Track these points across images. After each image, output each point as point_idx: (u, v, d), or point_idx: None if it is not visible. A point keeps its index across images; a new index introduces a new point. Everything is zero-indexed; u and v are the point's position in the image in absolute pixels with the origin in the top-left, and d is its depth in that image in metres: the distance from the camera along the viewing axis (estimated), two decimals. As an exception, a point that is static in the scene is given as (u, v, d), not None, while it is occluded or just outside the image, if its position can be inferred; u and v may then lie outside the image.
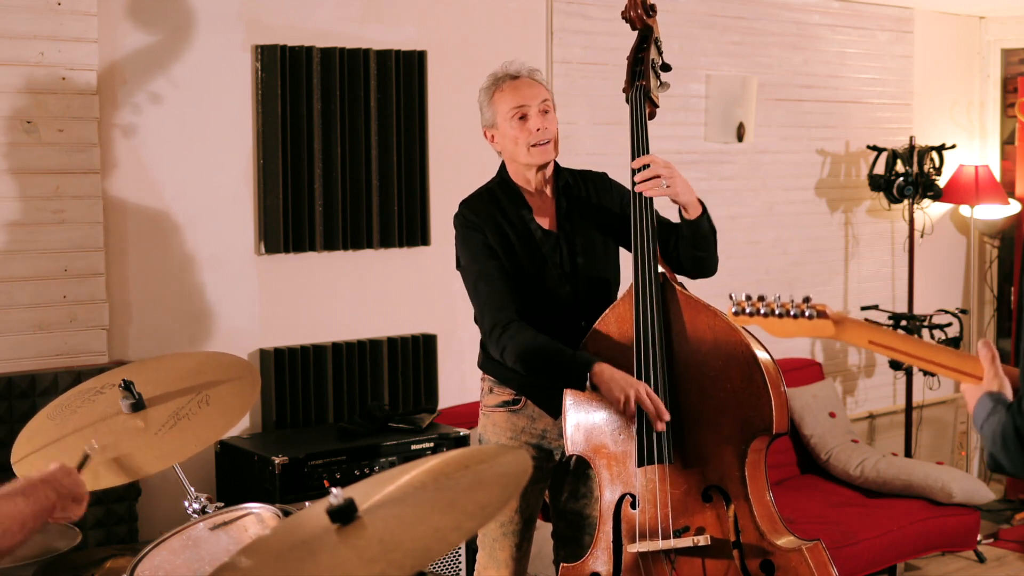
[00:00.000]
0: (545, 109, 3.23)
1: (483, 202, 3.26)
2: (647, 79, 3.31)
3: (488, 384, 3.33)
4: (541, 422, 3.27)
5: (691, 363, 3.08)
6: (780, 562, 2.96)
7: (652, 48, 3.34)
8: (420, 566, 1.66)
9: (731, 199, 5.70)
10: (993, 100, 6.66)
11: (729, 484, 3.02)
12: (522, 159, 3.23)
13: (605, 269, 3.32)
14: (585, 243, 3.27)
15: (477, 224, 3.22)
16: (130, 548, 3.66)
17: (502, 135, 3.24)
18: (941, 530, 5.11)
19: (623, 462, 3.10)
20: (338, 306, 4.51)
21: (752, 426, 3.00)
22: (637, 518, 3.07)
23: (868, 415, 6.21)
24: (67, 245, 3.92)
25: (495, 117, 3.24)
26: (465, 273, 3.26)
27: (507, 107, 3.20)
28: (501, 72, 3.26)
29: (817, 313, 2.09)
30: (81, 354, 3.95)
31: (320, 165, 4.38)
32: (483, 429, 3.37)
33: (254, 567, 1.82)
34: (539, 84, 3.26)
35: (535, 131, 3.19)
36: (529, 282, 3.20)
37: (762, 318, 2.14)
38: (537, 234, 3.24)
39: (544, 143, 3.21)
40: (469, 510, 1.78)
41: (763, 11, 5.74)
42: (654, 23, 3.37)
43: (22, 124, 3.83)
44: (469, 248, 3.23)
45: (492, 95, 3.24)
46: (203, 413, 2.66)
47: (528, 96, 3.20)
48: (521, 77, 3.24)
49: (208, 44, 4.19)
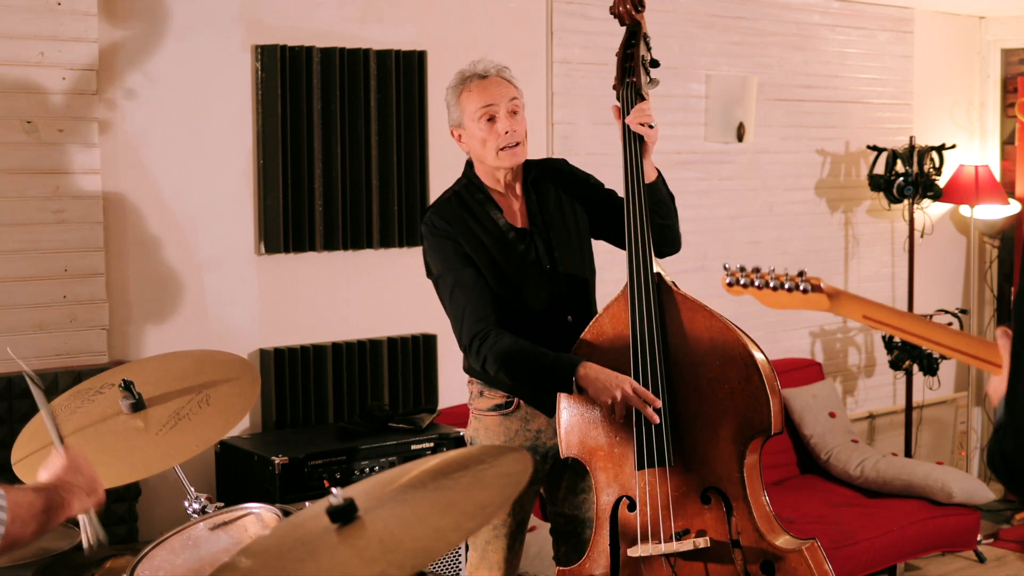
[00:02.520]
0: (514, 109, 3.13)
1: (452, 207, 3.16)
2: (637, 76, 3.24)
3: (477, 387, 3.25)
4: (535, 423, 3.21)
5: (689, 364, 3.04)
6: (780, 563, 2.95)
7: (641, 44, 3.27)
8: (420, 566, 1.66)
9: (731, 199, 5.70)
10: (993, 100, 6.66)
11: (728, 485, 3.00)
12: (490, 162, 3.14)
13: (583, 261, 3.26)
14: (560, 237, 3.20)
15: (449, 232, 3.12)
16: (130, 548, 3.66)
17: (469, 136, 3.14)
18: (941, 530, 5.11)
19: (620, 464, 3.06)
20: (338, 306, 4.51)
21: (751, 427, 2.99)
22: (637, 521, 3.04)
23: (868, 415, 6.21)
24: (67, 245, 3.92)
25: (462, 117, 3.14)
26: (439, 283, 3.16)
27: (474, 107, 3.10)
28: (469, 71, 3.16)
29: (812, 287, 2.05)
30: (81, 354, 3.95)
31: (320, 165, 4.38)
32: (474, 432, 3.29)
33: (254, 567, 1.82)
34: (508, 83, 3.16)
35: (504, 134, 3.10)
36: (509, 284, 3.13)
37: (756, 289, 2.10)
38: (510, 234, 3.16)
39: (513, 146, 3.12)
40: (469, 510, 1.78)
41: (763, 11, 5.74)
42: (642, 19, 3.29)
43: (22, 124, 3.83)
44: (442, 257, 3.13)
45: (460, 94, 3.14)
46: (203, 413, 2.66)
47: (496, 95, 3.11)
48: (489, 76, 3.14)
49: (208, 44, 4.19)
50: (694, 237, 5.59)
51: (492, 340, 3.04)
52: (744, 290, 2.11)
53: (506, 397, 3.19)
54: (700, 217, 5.59)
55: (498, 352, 3.03)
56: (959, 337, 2.01)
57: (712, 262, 5.64)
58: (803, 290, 2.07)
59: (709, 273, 5.65)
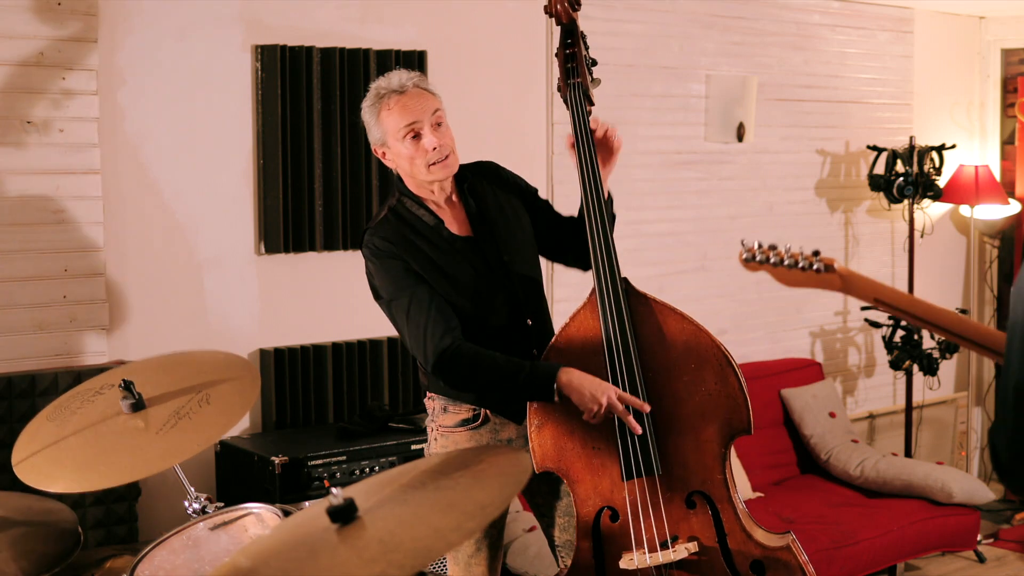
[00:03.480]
0: (438, 121, 2.98)
1: (391, 226, 3.00)
2: (583, 75, 3.13)
3: (440, 403, 3.10)
4: (504, 432, 3.08)
5: (664, 369, 2.98)
6: (769, 560, 2.95)
7: (580, 43, 3.16)
8: (420, 566, 1.66)
9: (731, 199, 5.70)
10: (993, 100, 6.66)
11: (712, 488, 2.97)
12: (422, 176, 2.99)
13: (532, 261, 3.16)
14: (505, 239, 3.08)
15: (393, 252, 2.97)
16: (130, 548, 3.67)
17: (395, 154, 2.99)
18: (941, 530, 5.10)
19: (600, 474, 2.98)
20: (338, 306, 4.51)
21: (731, 428, 2.96)
22: (631, 531, 2.98)
23: (868, 415, 6.21)
24: (67, 245, 3.92)
25: (385, 136, 2.98)
26: (392, 305, 3.00)
27: (396, 126, 2.95)
28: (384, 87, 2.98)
29: (825, 267, 2.10)
30: (81, 354, 3.95)
31: (320, 165, 4.38)
32: (442, 450, 3.11)
33: (254, 567, 1.82)
34: (427, 94, 2.99)
35: (432, 150, 2.95)
36: (464, 294, 3.00)
37: (771, 267, 2.14)
38: (456, 244, 3.03)
39: (442, 160, 2.97)
40: (469, 510, 1.78)
41: (763, 11, 5.74)
42: (577, 17, 3.17)
43: (22, 124, 3.83)
44: (390, 277, 2.98)
45: (379, 113, 2.97)
46: (203, 413, 2.66)
47: (418, 111, 2.95)
48: (407, 91, 2.96)
49: (208, 44, 4.19)
50: (694, 237, 5.60)
51: (461, 354, 2.93)
52: (760, 266, 2.16)
53: (473, 410, 3.07)
54: (700, 217, 5.59)
55: (469, 366, 2.92)
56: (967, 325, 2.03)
57: (712, 262, 5.64)
58: (816, 269, 2.11)
59: (709, 273, 5.65)
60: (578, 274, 3.31)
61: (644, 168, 5.34)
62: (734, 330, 5.69)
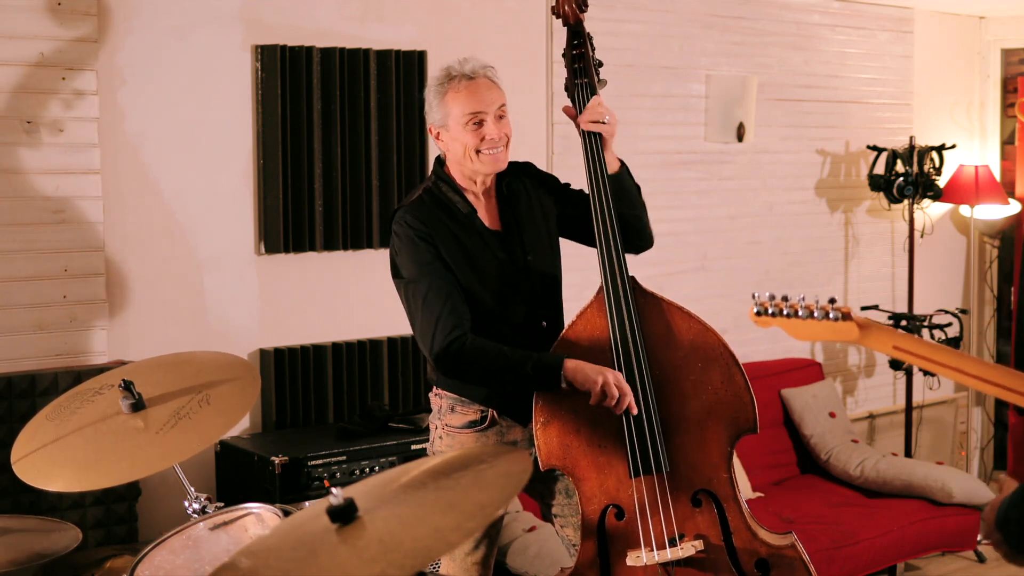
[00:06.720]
0: (502, 115, 3.01)
1: (427, 208, 3.01)
2: (590, 76, 3.17)
3: (448, 401, 3.11)
4: (511, 434, 3.09)
5: (671, 367, 2.99)
6: (774, 558, 2.95)
7: (588, 44, 3.19)
8: (420, 566, 1.66)
9: (731, 199, 5.70)
10: (993, 100, 6.66)
11: (718, 486, 2.98)
12: (471, 165, 3.01)
13: (553, 263, 3.18)
14: (532, 239, 3.11)
15: (424, 233, 2.97)
16: (130, 548, 3.66)
17: (452, 138, 3.00)
18: (941, 530, 5.10)
19: (606, 472, 2.99)
20: (338, 306, 4.51)
21: (737, 427, 2.98)
22: (638, 530, 2.98)
23: (868, 415, 6.21)
24: (67, 245, 3.92)
25: (447, 118, 2.99)
26: (409, 287, 2.99)
27: (462, 111, 2.96)
28: (456, 70, 2.99)
29: (842, 315, 1.99)
30: (81, 354, 3.95)
31: (320, 165, 4.38)
32: (447, 449, 3.12)
33: (254, 567, 1.82)
34: (496, 87, 3.03)
35: (491, 139, 2.98)
36: (487, 288, 3.02)
37: (784, 319, 2.02)
38: (485, 235, 3.05)
39: (496, 150, 3.00)
40: (469, 510, 1.78)
41: (763, 11, 5.74)
42: (584, 18, 3.20)
43: (22, 124, 3.83)
44: (416, 259, 2.97)
45: (445, 94, 2.98)
46: (203, 413, 2.66)
47: (486, 102, 2.98)
48: (477, 78, 2.98)
49: (208, 44, 4.19)
50: (694, 237, 5.60)
51: (467, 346, 2.93)
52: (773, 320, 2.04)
53: (480, 411, 3.07)
54: (700, 217, 5.59)
55: (477, 355, 2.93)
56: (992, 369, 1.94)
57: (712, 262, 5.65)
58: (833, 318, 2.00)
59: (709, 273, 5.65)
60: (580, 274, 3.32)
61: (644, 168, 5.33)
62: (734, 330, 5.67)
